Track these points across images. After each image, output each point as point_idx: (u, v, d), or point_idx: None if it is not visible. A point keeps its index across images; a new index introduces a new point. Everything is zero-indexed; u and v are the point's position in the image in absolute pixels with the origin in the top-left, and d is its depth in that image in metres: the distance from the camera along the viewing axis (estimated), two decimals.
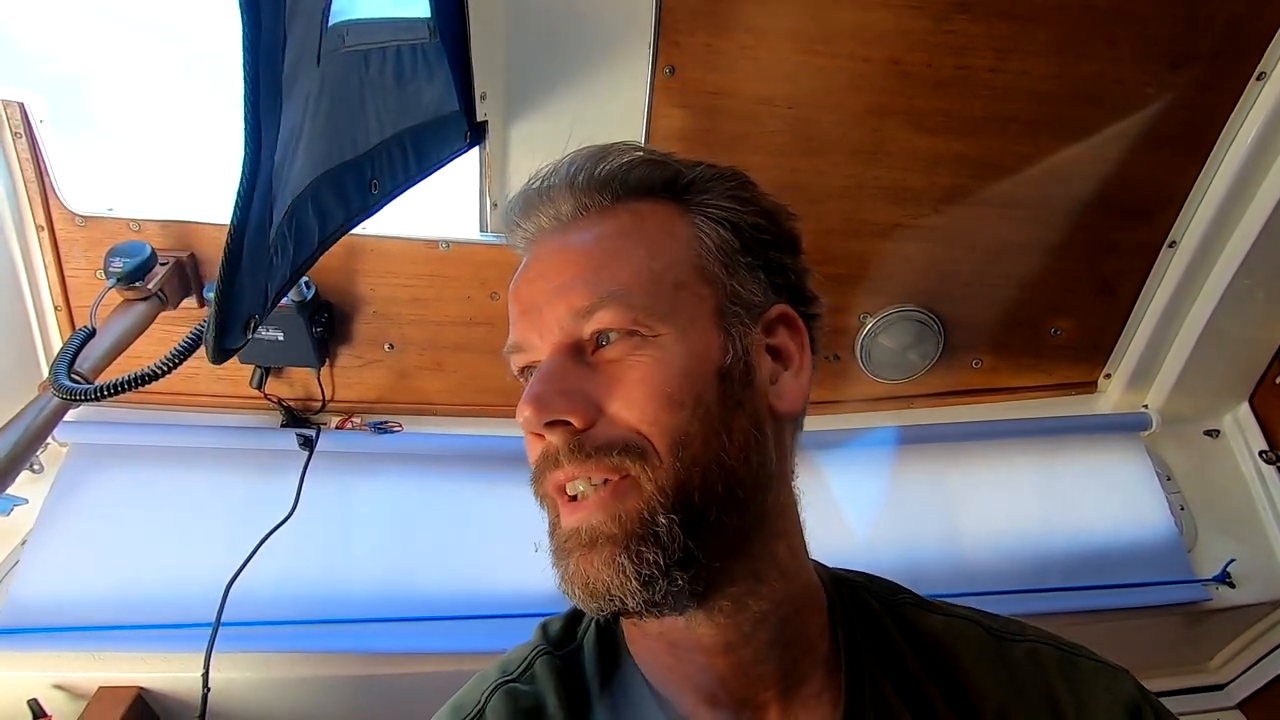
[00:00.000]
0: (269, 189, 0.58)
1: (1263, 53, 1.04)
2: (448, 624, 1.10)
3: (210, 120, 1.20)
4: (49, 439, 1.08)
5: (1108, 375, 1.37)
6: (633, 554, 0.45)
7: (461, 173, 1.09)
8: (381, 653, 1.07)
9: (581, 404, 0.47)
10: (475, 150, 1.07)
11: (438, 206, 1.15)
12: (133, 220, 1.11)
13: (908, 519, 1.25)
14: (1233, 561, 1.22)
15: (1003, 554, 1.23)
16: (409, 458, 1.26)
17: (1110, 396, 1.37)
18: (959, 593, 1.16)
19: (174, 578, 1.09)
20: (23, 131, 1.05)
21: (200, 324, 0.63)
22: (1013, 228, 1.18)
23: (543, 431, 0.48)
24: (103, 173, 1.16)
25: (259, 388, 1.22)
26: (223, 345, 0.58)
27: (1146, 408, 1.35)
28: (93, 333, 0.91)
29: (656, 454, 0.46)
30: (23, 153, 1.06)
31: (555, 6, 1.00)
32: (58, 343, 1.18)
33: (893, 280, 1.22)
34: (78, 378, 0.83)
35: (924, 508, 1.27)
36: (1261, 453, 1.30)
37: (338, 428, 1.27)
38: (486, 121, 1.04)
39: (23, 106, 1.03)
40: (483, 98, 1.02)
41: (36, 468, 1.19)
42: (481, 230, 1.16)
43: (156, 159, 1.24)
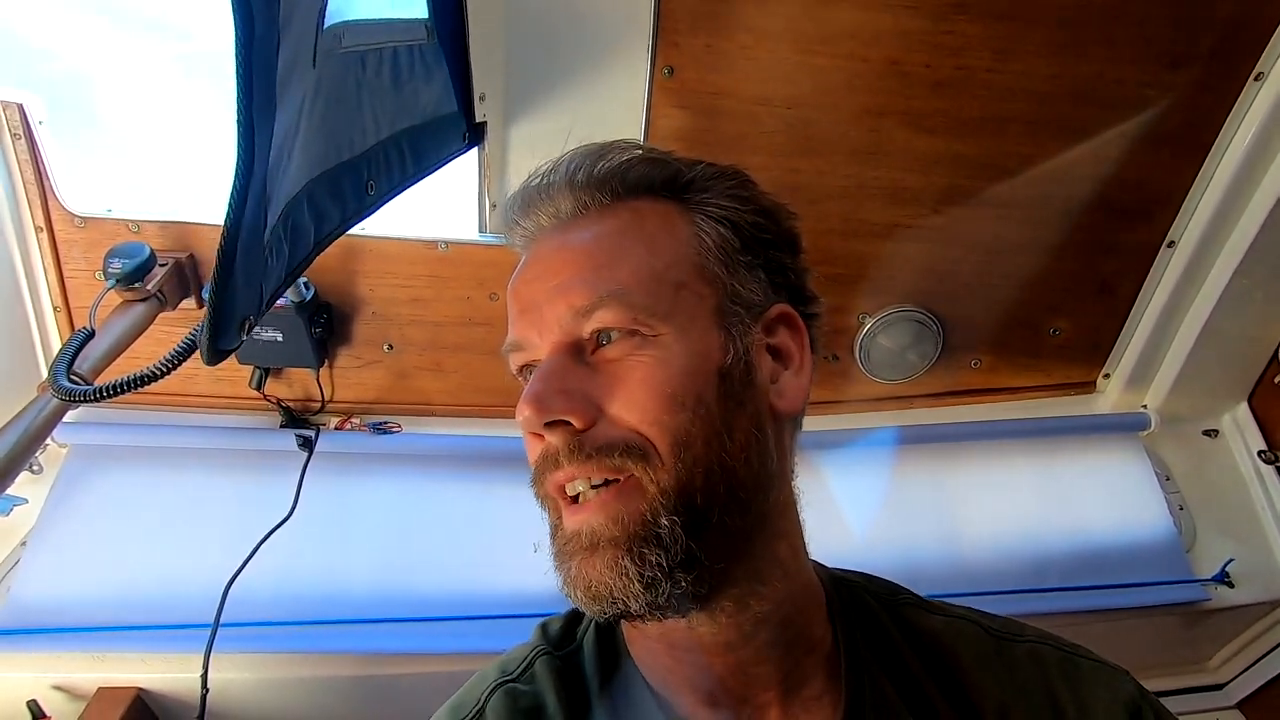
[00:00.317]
0: (264, 190, 0.58)
1: (1260, 53, 1.04)
2: (447, 624, 1.10)
3: (209, 121, 1.20)
4: (48, 440, 1.07)
5: (1106, 375, 1.37)
6: (635, 556, 0.45)
7: (460, 173, 1.09)
8: (381, 653, 1.07)
9: (581, 404, 0.47)
10: (474, 151, 1.07)
11: (437, 207, 1.15)
12: (132, 221, 1.11)
13: (907, 519, 1.25)
14: (1231, 561, 1.22)
15: (1002, 554, 1.23)
16: (408, 458, 1.26)
17: (1109, 396, 1.37)
18: (958, 593, 1.16)
19: (173, 578, 1.09)
20: (22, 132, 1.05)
21: (198, 325, 0.63)
22: (1011, 228, 1.18)
23: (542, 432, 0.47)
24: (102, 174, 1.16)
25: (258, 388, 1.23)
26: (217, 346, 0.58)
27: (1145, 408, 1.35)
28: (92, 334, 0.91)
29: (658, 455, 0.46)
30: (22, 154, 1.06)
31: (554, 7, 1.00)
32: (57, 344, 1.18)
33: (892, 280, 1.22)
34: (77, 379, 0.83)
35: (923, 508, 1.27)
36: (1260, 453, 1.30)
37: (337, 428, 1.27)
38: (485, 122, 1.04)
39: (22, 108, 1.03)
40: (481, 99, 1.02)
41: (36, 468, 1.19)
42: (480, 231, 1.16)
43: (156, 160, 1.24)
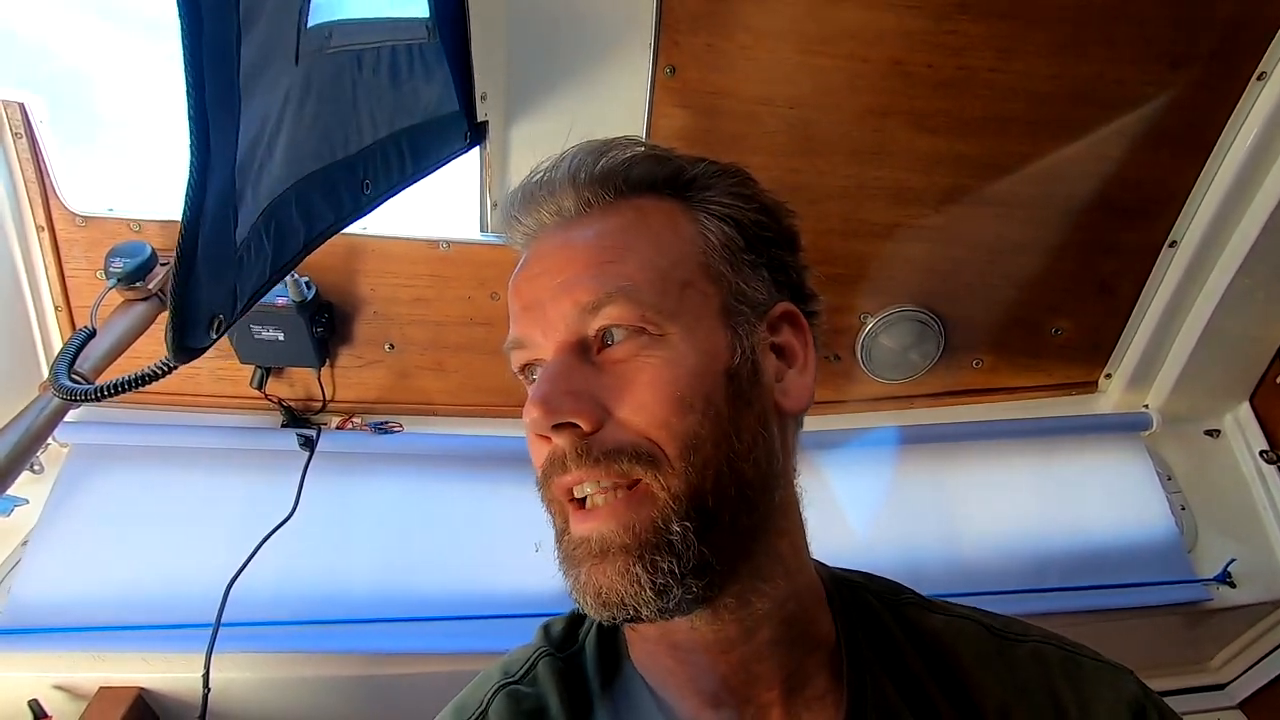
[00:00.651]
0: (231, 187, 0.57)
1: (1263, 53, 1.03)
2: (448, 624, 1.10)
3: None
4: (49, 439, 1.07)
5: (1108, 375, 1.37)
6: (647, 564, 0.44)
7: (462, 173, 1.09)
8: (382, 653, 1.07)
9: (589, 406, 0.46)
10: (476, 150, 1.07)
11: (438, 206, 1.15)
12: (133, 220, 1.11)
13: (908, 519, 1.25)
14: (1233, 561, 1.22)
15: (1003, 554, 1.23)
16: (409, 458, 1.26)
17: (1111, 396, 1.37)
18: (960, 593, 1.16)
19: (174, 578, 1.09)
20: (23, 132, 1.05)
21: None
22: (1013, 228, 1.18)
23: (550, 434, 0.47)
24: (103, 173, 1.16)
25: (259, 388, 1.23)
26: (184, 344, 0.56)
27: (1147, 408, 1.35)
28: (93, 333, 0.91)
29: (667, 460, 0.45)
30: (23, 153, 1.06)
31: (556, 6, 1.00)
32: (58, 343, 1.18)
33: (893, 280, 1.22)
34: (78, 378, 0.83)
35: (924, 508, 1.27)
36: (1262, 452, 1.30)
37: (338, 428, 1.27)
38: (487, 121, 1.04)
39: (23, 107, 1.03)
40: (483, 98, 1.01)
41: (37, 468, 1.19)
42: (482, 230, 1.16)
43: (157, 159, 1.24)
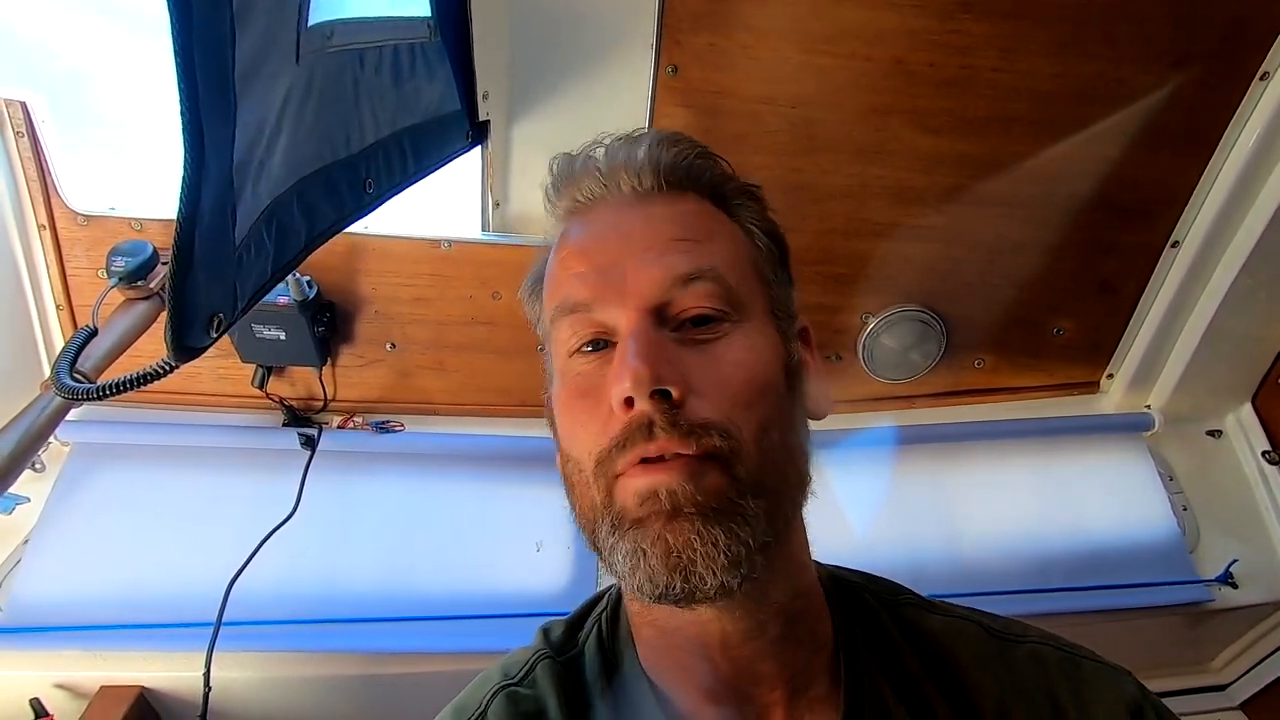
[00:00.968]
0: (229, 185, 0.57)
1: (1266, 53, 1.03)
2: (448, 623, 1.10)
3: None
4: (51, 438, 1.08)
5: (1110, 375, 1.37)
6: (725, 529, 0.43)
7: (463, 172, 1.09)
8: (382, 652, 1.07)
9: (683, 377, 0.45)
10: (477, 150, 1.07)
11: (440, 206, 1.15)
12: (134, 219, 1.11)
13: (909, 519, 1.25)
14: (1235, 562, 1.22)
15: (1004, 554, 1.23)
16: (411, 457, 1.26)
17: (1112, 397, 1.37)
18: (960, 593, 1.16)
19: (176, 577, 1.09)
20: (25, 131, 1.05)
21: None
22: (1015, 227, 1.18)
23: (643, 400, 0.44)
24: (105, 172, 1.16)
25: (260, 387, 1.23)
26: (183, 343, 0.56)
27: (1149, 408, 1.35)
28: (94, 332, 0.91)
29: (742, 441, 0.45)
30: (24, 152, 1.06)
31: (558, 6, 1.00)
32: (59, 342, 1.18)
33: (895, 280, 1.22)
34: (79, 377, 0.83)
35: (925, 508, 1.27)
36: (1264, 453, 1.30)
37: (339, 427, 1.27)
38: (489, 121, 1.04)
39: (25, 106, 1.03)
40: (485, 97, 1.01)
41: (38, 467, 1.19)
42: (484, 229, 1.16)
43: (158, 158, 1.24)
